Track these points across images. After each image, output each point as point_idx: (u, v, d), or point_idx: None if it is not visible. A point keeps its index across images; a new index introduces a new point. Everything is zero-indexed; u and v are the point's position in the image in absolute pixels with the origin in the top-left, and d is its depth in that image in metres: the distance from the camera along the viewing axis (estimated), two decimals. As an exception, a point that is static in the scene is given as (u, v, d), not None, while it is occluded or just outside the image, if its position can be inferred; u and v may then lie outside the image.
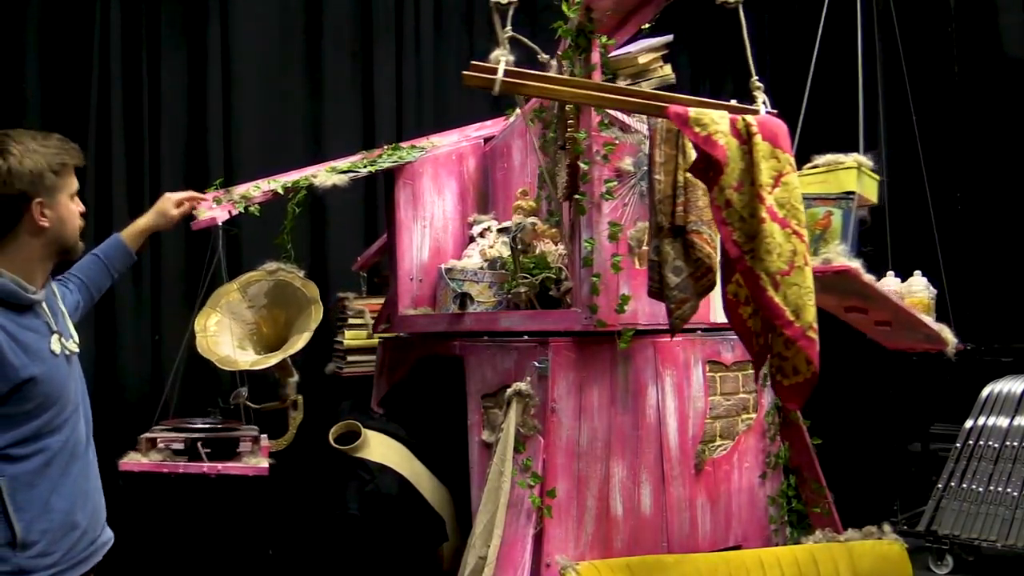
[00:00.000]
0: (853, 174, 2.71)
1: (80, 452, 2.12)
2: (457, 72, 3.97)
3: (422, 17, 4.82)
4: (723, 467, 3.26)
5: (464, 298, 3.40)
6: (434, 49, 4.83)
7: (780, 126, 2.55)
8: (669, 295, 2.65)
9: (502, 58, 2.58)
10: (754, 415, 3.37)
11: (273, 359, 2.92)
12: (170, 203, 2.71)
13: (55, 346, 2.05)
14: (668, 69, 3.65)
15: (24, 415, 1.97)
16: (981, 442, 4.24)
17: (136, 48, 4.06)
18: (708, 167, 2.53)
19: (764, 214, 2.46)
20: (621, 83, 3.65)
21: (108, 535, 2.23)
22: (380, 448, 3.35)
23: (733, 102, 2.78)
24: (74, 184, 2.11)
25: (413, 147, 3.67)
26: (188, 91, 4.22)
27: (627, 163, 3.06)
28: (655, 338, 3.15)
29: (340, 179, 3.26)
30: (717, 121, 2.54)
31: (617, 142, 3.02)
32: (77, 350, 2.16)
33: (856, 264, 2.67)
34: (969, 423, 4.31)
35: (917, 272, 3.36)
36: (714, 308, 3.23)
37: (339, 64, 4.58)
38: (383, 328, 3.81)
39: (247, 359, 2.93)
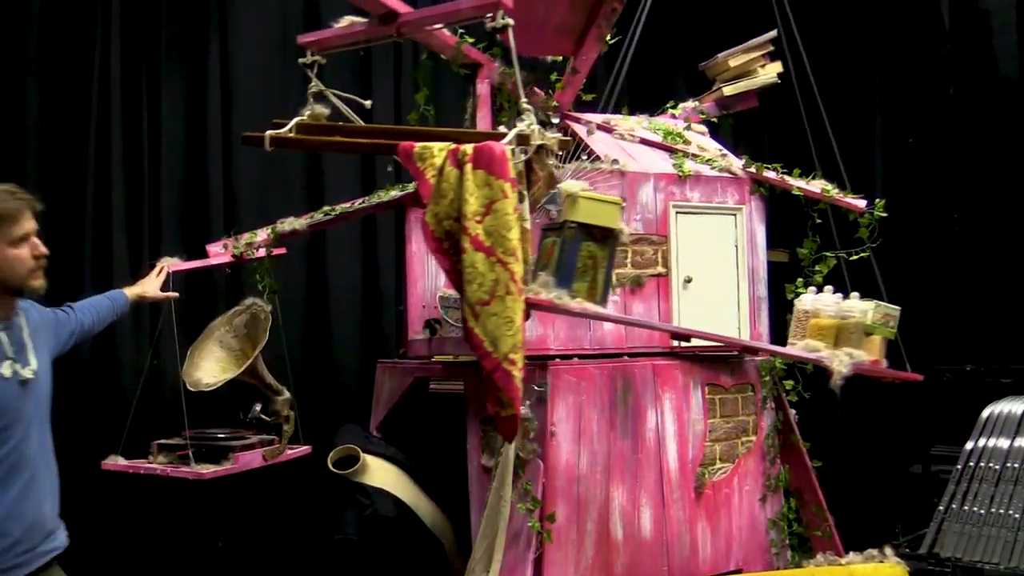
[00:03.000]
0: (569, 202, 2.73)
1: (23, 467, 2.28)
2: (456, 99, 4.00)
3: (420, 52, 4.84)
4: (723, 490, 3.24)
5: (431, 324, 3.55)
6: (433, 77, 4.84)
7: (499, 152, 2.51)
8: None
9: (306, 112, 2.81)
10: (754, 437, 3.36)
11: (221, 381, 3.23)
12: (154, 286, 3.07)
13: (6, 370, 2.27)
14: (772, 68, 3.68)
15: None
16: (982, 464, 4.22)
17: (136, 73, 4.08)
18: (420, 200, 2.61)
19: (467, 244, 2.47)
20: (725, 88, 3.69)
21: (54, 544, 2.37)
22: (379, 472, 3.34)
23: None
24: (15, 231, 2.28)
25: (398, 186, 3.82)
26: (187, 116, 4.23)
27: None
28: (654, 360, 3.15)
29: (300, 224, 3.49)
30: (436, 154, 2.57)
31: None
32: (32, 377, 2.34)
33: (555, 294, 2.66)
34: (970, 444, 4.29)
35: (828, 288, 3.24)
36: (765, 331, 3.29)
37: (338, 88, 4.59)
38: (400, 353, 3.88)
39: (210, 380, 3.24)
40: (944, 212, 5.15)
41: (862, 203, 3.50)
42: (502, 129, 2.69)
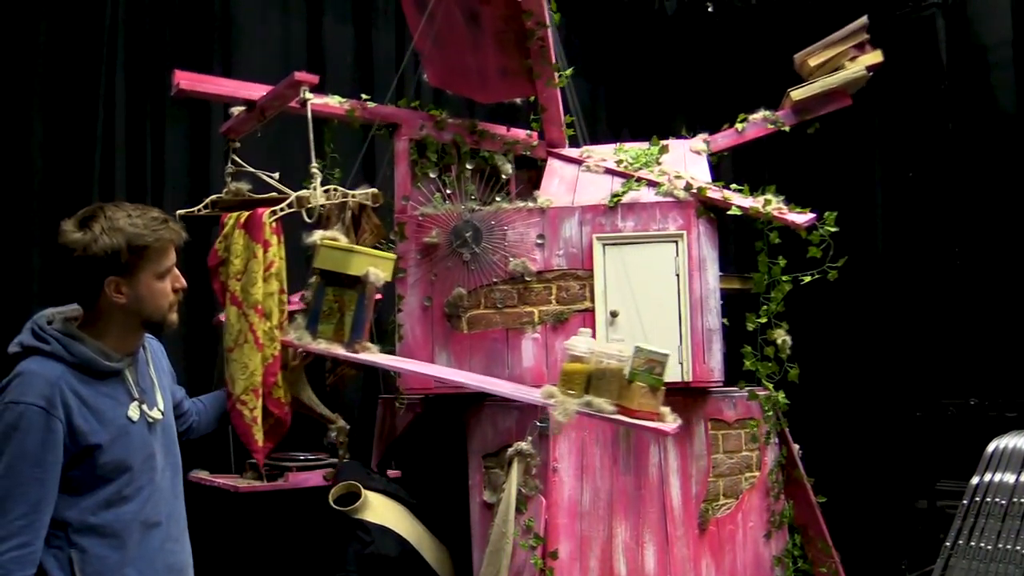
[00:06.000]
0: (314, 250, 2.95)
1: (161, 520, 2.16)
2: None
3: (423, 88, 4.88)
4: (727, 526, 3.22)
5: None
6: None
7: (258, 216, 2.91)
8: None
9: (225, 190, 3.25)
10: (757, 473, 3.34)
11: None
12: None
13: (133, 413, 2.12)
14: (863, 60, 3.45)
15: (93, 481, 2.03)
16: (988, 499, 4.18)
17: (140, 114, 4.12)
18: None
19: (228, 299, 2.87)
20: (792, 91, 3.57)
21: None
22: (380, 509, 3.32)
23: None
24: (164, 263, 2.18)
25: None
26: (191, 156, 4.26)
27: (434, 236, 3.26)
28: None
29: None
30: (228, 223, 2.97)
31: (420, 218, 3.27)
32: (161, 417, 2.22)
33: (297, 335, 2.89)
34: (975, 479, 4.26)
35: (585, 331, 2.79)
36: (717, 367, 3.24)
37: (341, 133, 4.63)
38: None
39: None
40: (945, 246, 5.16)
41: (803, 218, 3.17)
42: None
